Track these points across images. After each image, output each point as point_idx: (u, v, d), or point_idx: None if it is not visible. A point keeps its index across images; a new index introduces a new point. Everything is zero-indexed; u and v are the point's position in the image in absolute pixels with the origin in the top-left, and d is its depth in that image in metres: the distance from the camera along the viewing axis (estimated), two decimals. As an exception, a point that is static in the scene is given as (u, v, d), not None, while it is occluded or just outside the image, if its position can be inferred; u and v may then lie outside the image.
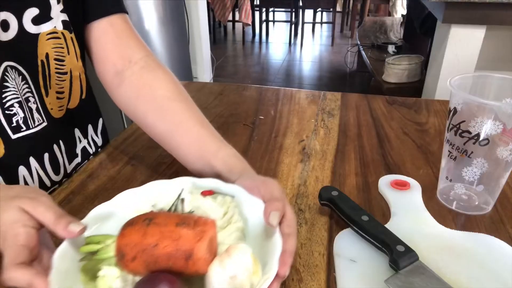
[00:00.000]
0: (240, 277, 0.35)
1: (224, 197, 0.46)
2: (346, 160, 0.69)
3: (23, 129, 0.56)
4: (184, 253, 0.35)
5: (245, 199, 0.45)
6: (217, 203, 0.44)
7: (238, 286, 0.35)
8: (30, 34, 0.55)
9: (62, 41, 0.59)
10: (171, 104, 0.59)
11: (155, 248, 0.35)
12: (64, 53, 0.60)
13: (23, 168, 0.57)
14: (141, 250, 0.36)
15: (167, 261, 0.35)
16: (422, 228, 0.52)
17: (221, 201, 0.45)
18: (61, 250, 0.38)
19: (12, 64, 0.54)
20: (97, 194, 0.59)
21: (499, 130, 0.48)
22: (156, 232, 0.36)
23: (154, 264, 0.36)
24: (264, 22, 5.38)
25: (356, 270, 0.45)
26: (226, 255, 0.36)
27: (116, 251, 0.37)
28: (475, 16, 1.57)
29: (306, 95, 0.97)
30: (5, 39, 0.52)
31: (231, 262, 0.36)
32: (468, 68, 1.70)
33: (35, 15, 0.55)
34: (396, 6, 4.59)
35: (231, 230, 0.42)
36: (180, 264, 0.35)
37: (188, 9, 2.76)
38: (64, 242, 0.39)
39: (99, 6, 0.62)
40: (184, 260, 0.35)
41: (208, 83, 1.05)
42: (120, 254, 0.36)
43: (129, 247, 0.36)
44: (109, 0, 0.63)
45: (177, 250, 0.35)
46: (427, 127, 0.81)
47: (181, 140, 0.57)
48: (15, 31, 0.53)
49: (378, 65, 2.75)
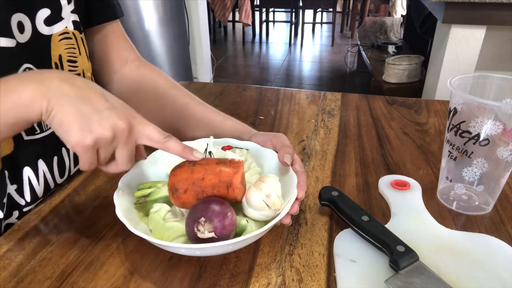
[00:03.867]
0: (272, 197, 0.45)
1: (241, 150, 0.55)
2: (346, 160, 0.69)
3: (37, 132, 0.56)
4: (225, 183, 0.44)
5: (258, 150, 0.55)
6: (237, 154, 0.54)
7: (271, 204, 0.45)
8: (43, 36, 0.55)
9: (73, 42, 0.60)
10: (172, 91, 0.67)
11: (202, 181, 0.44)
12: (76, 54, 0.60)
13: (28, 169, 0.56)
14: (191, 183, 0.44)
15: (212, 190, 0.45)
16: (422, 228, 0.52)
17: (239, 153, 0.55)
18: (118, 193, 0.48)
19: (29, 66, 0.54)
20: (97, 194, 0.60)
21: (499, 130, 0.48)
22: (201, 170, 0.45)
23: (202, 194, 0.45)
24: (264, 22, 5.38)
25: (356, 270, 0.45)
26: (260, 182, 0.46)
27: (169, 188, 0.45)
28: (475, 16, 1.57)
29: (306, 95, 0.97)
30: (22, 41, 0.52)
31: (264, 186, 0.45)
32: (468, 68, 1.70)
33: (47, 16, 0.55)
34: (396, 6, 4.59)
35: (252, 173, 0.52)
36: (222, 192, 0.45)
37: (188, 9, 2.76)
38: (119, 187, 0.48)
39: (105, 11, 0.67)
40: (226, 189, 0.44)
41: (208, 83, 1.06)
42: (174, 188, 0.45)
43: (181, 182, 0.45)
44: (113, 6, 0.68)
45: (220, 181, 0.44)
46: (427, 127, 0.81)
47: (188, 120, 0.64)
48: (30, 33, 0.53)
49: (378, 65, 2.75)
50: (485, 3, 1.51)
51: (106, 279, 0.45)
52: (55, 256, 0.48)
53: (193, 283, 0.45)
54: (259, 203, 0.45)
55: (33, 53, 0.54)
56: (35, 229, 0.53)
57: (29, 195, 0.57)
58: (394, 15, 4.55)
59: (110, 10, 0.68)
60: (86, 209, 0.57)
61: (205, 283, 0.45)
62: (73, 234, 0.52)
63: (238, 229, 0.46)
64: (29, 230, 0.52)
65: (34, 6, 0.54)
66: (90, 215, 0.55)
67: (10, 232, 0.52)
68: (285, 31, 5.62)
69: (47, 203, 0.57)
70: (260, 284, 0.44)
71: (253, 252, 0.49)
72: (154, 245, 0.43)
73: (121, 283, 0.44)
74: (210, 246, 0.41)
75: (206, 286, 0.44)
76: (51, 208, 0.57)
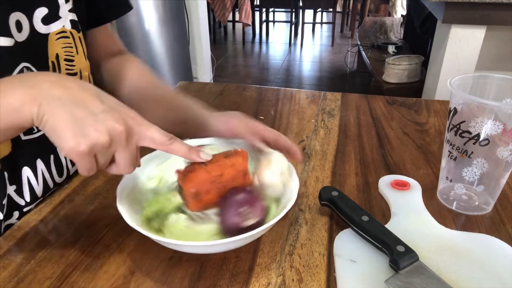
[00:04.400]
0: (284, 173, 0.50)
1: (210, 146, 0.56)
2: (346, 160, 0.69)
3: (34, 131, 0.56)
4: (242, 172, 0.47)
5: (222, 144, 0.57)
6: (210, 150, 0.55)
7: (285, 179, 0.49)
8: (41, 34, 0.55)
9: (71, 41, 0.60)
10: (150, 71, 0.71)
11: (221, 177, 0.45)
12: (73, 53, 0.60)
13: (27, 169, 0.56)
14: (211, 182, 0.45)
15: (232, 182, 0.46)
16: (422, 228, 0.52)
17: (212, 148, 0.54)
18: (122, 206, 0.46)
19: (27, 65, 0.54)
20: (97, 194, 0.59)
21: (499, 130, 0.48)
22: (216, 167, 0.45)
23: (223, 189, 0.46)
24: (264, 22, 5.38)
25: (356, 270, 0.45)
26: (267, 160, 0.50)
27: (187, 194, 0.45)
28: (475, 16, 1.57)
29: (306, 95, 0.97)
30: (20, 40, 0.52)
31: (273, 164, 0.50)
32: (468, 68, 1.70)
33: (44, 15, 0.55)
34: (396, 6, 4.59)
35: None
36: (240, 181, 0.47)
37: (188, 9, 2.76)
38: (118, 199, 0.47)
39: (107, 12, 0.69)
40: (243, 177, 0.47)
41: (208, 83, 1.06)
42: (194, 193, 0.45)
43: (200, 185, 0.45)
44: (114, 7, 0.70)
45: (237, 171, 0.46)
46: (427, 127, 0.81)
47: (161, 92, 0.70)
48: (28, 32, 0.53)
49: (378, 65, 2.75)
50: (485, 3, 1.51)
51: (106, 279, 0.45)
52: (55, 256, 0.48)
53: (193, 283, 0.45)
54: (274, 181, 0.48)
55: (31, 52, 0.54)
56: (35, 229, 0.53)
57: (28, 195, 0.57)
58: (394, 15, 4.55)
59: (114, 9, 0.70)
60: (86, 209, 0.57)
61: (205, 283, 0.45)
62: (73, 234, 0.52)
63: None
64: (29, 230, 0.52)
65: (31, 5, 0.54)
66: (90, 215, 0.55)
67: (10, 232, 0.52)
68: (285, 31, 5.62)
69: (47, 203, 0.57)
70: (260, 284, 0.44)
71: (253, 252, 0.49)
72: (169, 247, 0.45)
73: (121, 283, 0.44)
74: (249, 234, 0.42)
75: (206, 286, 0.44)
76: (51, 209, 0.57)
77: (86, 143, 0.37)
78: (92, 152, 0.39)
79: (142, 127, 0.41)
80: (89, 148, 0.38)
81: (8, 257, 0.48)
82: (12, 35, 0.51)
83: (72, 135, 0.37)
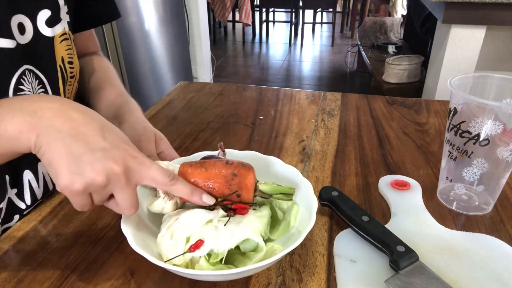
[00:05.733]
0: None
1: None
2: (346, 160, 0.69)
3: None
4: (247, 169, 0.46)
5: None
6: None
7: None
8: (45, 37, 0.55)
9: (70, 42, 0.60)
10: (113, 71, 0.72)
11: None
12: (73, 55, 0.61)
13: (28, 172, 0.56)
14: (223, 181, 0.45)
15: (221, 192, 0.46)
16: (422, 228, 0.52)
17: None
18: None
19: (30, 67, 0.53)
20: (97, 194, 0.59)
21: (499, 130, 0.48)
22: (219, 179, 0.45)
23: (230, 177, 0.45)
24: (264, 22, 5.38)
25: (356, 270, 0.45)
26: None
27: None
28: (475, 16, 1.57)
29: (306, 95, 0.97)
30: (23, 42, 0.52)
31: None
32: (468, 68, 1.70)
33: (48, 17, 0.55)
34: (396, 6, 4.59)
35: None
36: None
37: (188, 9, 2.76)
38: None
39: (96, 18, 0.71)
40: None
41: (208, 83, 1.05)
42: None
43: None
44: (103, 14, 0.71)
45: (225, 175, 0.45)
46: (427, 127, 0.81)
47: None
48: (31, 34, 0.53)
49: (378, 65, 2.75)
50: (485, 3, 1.51)
51: (106, 279, 0.45)
52: (55, 256, 0.48)
53: (193, 283, 0.44)
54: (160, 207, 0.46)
55: (34, 55, 0.54)
56: (35, 229, 0.53)
57: (29, 198, 0.57)
58: (394, 15, 4.55)
59: (102, 14, 0.70)
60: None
61: (205, 283, 0.44)
62: (73, 235, 0.52)
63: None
64: (29, 230, 0.52)
65: (34, 7, 0.53)
66: (90, 215, 0.55)
67: (10, 233, 0.52)
68: (285, 31, 5.62)
69: (46, 204, 0.57)
70: (260, 284, 0.44)
71: (253, 252, 0.49)
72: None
73: (121, 283, 0.44)
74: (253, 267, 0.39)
75: (206, 286, 0.44)
76: (51, 209, 0.56)
77: (81, 182, 0.36)
78: (86, 191, 0.37)
79: (143, 166, 0.40)
80: (84, 188, 0.37)
81: (8, 257, 0.48)
82: (14, 37, 0.50)
83: (67, 172, 0.36)
